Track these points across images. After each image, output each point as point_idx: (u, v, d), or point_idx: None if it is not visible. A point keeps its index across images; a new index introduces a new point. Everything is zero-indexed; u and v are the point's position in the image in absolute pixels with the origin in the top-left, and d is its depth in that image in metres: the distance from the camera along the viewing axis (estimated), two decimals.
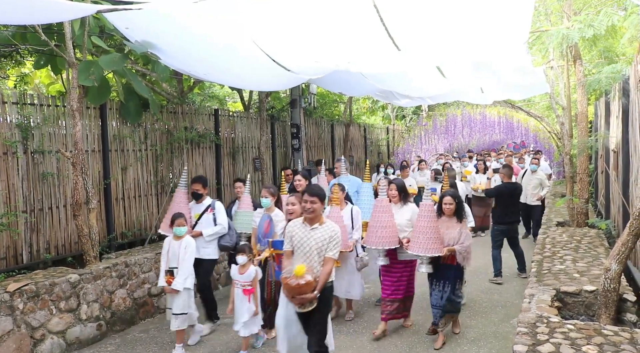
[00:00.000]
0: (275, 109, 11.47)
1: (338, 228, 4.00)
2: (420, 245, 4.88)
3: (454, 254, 4.99)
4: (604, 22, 5.52)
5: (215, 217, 5.76)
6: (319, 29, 4.72)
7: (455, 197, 5.14)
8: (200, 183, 5.83)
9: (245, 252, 4.94)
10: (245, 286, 4.91)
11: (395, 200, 5.54)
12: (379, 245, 5.22)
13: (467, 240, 4.98)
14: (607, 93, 7.98)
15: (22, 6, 3.31)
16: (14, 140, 5.74)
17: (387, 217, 5.20)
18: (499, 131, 17.46)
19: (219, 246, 5.80)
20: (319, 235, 3.92)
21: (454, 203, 5.13)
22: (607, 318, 4.05)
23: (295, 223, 4.09)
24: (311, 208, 3.92)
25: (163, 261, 5.12)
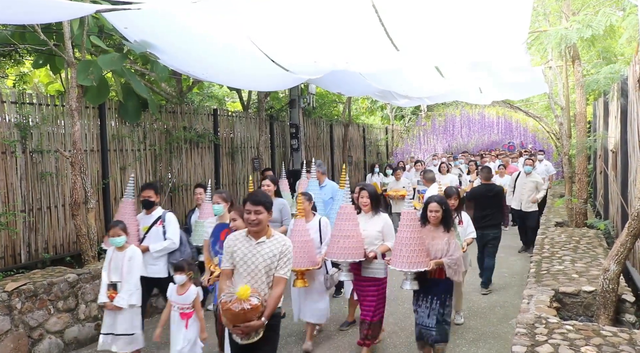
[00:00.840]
0: (274, 109, 11.47)
1: (289, 242, 3.45)
2: (403, 259, 4.26)
3: (442, 267, 4.40)
4: (602, 23, 5.52)
5: (165, 230, 5.13)
6: (318, 29, 4.72)
7: (442, 203, 4.52)
8: (152, 190, 5.21)
9: (183, 270, 4.33)
10: (183, 309, 4.30)
11: (366, 208, 4.90)
12: (341, 257, 4.61)
13: (456, 251, 4.39)
14: (605, 93, 8.00)
15: (21, 6, 3.30)
16: (13, 140, 5.73)
17: (351, 226, 4.63)
18: (497, 131, 17.50)
19: (169, 263, 5.16)
20: (267, 250, 3.33)
21: (440, 210, 4.48)
22: (606, 319, 4.05)
23: (237, 236, 3.44)
24: (256, 220, 3.30)
25: (104, 274, 4.55)
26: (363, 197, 4.85)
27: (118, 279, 4.47)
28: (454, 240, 4.45)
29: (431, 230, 4.52)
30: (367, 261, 4.74)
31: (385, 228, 4.81)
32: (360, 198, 4.86)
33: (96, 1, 5.01)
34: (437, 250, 4.41)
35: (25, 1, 3.20)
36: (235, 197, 9.48)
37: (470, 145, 20.21)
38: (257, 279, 3.32)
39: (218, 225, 4.76)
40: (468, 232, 5.56)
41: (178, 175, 8.12)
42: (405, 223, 4.31)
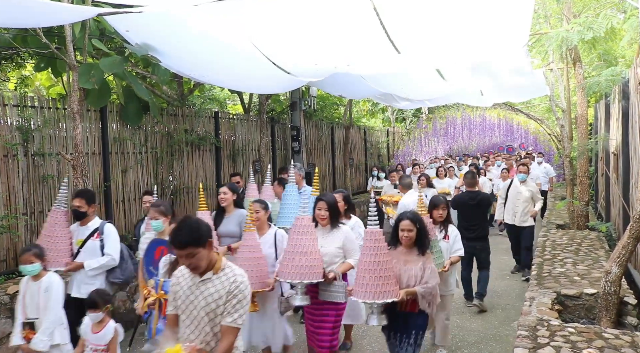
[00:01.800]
0: (275, 111, 11.48)
1: (243, 278, 2.68)
2: (367, 288, 3.51)
3: (415, 298, 3.70)
4: (603, 25, 5.53)
5: (103, 244, 4.47)
6: (319, 32, 4.73)
7: (416, 221, 3.79)
8: (82, 199, 4.53)
9: (97, 307, 3.60)
10: (97, 350, 3.62)
11: (323, 222, 4.25)
12: (296, 278, 3.93)
13: (432, 278, 3.70)
14: (607, 95, 8.00)
15: (23, 9, 3.32)
16: (15, 143, 5.74)
17: (308, 241, 3.97)
18: (498, 133, 17.52)
19: (107, 282, 4.54)
20: (212, 291, 2.62)
21: (413, 229, 3.76)
22: (608, 321, 4.05)
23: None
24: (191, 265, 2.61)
25: (18, 310, 3.77)
26: (321, 209, 4.21)
27: (35, 316, 3.67)
28: (430, 266, 3.76)
29: (403, 253, 3.82)
30: (326, 283, 4.08)
31: (347, 244, 4.20)
32: (317, 210, 4.22)
33: (98, 4, 5.02)
34: (410, 277, 3.71)
35: (27, 5, 3.21)
36: None
37: (472, 148, 20.21)
38: (200, 329, 2.64)
39: (153, 242, 4.07)
40: (454, 249, 4.83)
41: (179, 178, 8.13)
42: (369, 244, 3.55)
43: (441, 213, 4.88)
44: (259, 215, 4.42)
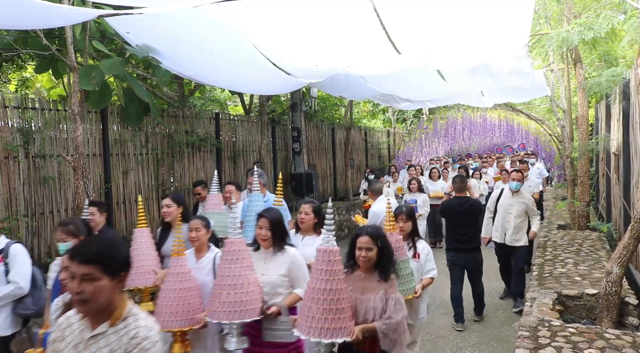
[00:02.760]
0: (276, 112, 11.49)
1: (152, 331, 1.96)
2: (313, 323, 2.81)
3: (374, 335, 2.94)
4: (603, 25, 5.53)
5: (8, 268, 3.72)
6: (320, 33, 4.74)
7: (377, 237, 3.05)
8: None
9: None
10: None
11: (265, 243, 3.48)
12: (225, 317, 3.17)
13: (397, 311, 2.94)
14: (607, 96, 8.00)
15: (23, 11, 3.32)
16: (15, 144, 5.75)
17: (239, 270, 3.21)
18: (499, 134, 17.50)
19: (14, 314, 3.82)
20: (105, 350, 1.89)
21: (374, 248, 3.02)
22: (609, 321, 4.04)
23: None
24: (81, 296, 1.85)
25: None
26: (262, 227, 3.44)
27: None
28: (395, 295, 2.99)
29: (360, 279, 3.06)
30: (269, 319, 3.31)
31: (294, 270, 3.42)
32: (258, 228, 3.46)
33: (98, 6, 5.03)
34: (368, 309, 2.95)
35: (27, 7, 3.22)
36: None
37: (472, 148, 20.20)
38: None
39: None
40: (426, 269, 4.08)
41: (180, 179, 8.13)
42: (320, 267, 2.83)
43: (402, 226, 4.04)
44: (199, 234, 3.68)
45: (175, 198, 4.53)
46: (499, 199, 6.40)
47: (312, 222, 4.05)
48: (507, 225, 6.19)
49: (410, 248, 4.09)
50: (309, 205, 4.12)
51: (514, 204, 6.17)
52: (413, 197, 8.35)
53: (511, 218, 6.14)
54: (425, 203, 8.37)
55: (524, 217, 6.15)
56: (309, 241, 4.06)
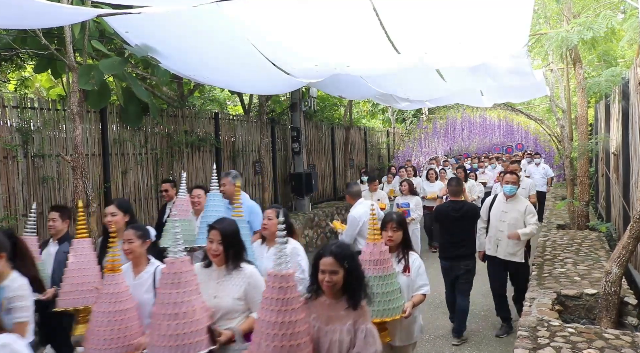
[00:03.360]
0: (275, 112, 11.49)
1: None
2: None
3: None
4: (603, 25, 5.53)
5: None
6: (319, 33, 4.73)
7: (343, 258, 2.56)
8: None
9: None
10: None
11: (217, 260, 2.98)
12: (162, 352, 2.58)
13: (368, 346, 2.49)
14: (607, 96, 8.00)
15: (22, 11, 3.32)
16: (15, 144, 5.75)
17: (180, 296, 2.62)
18: (499, 134, 17.51)
19: None
20: None
21: (339, 270, 2.54)
22: (608, 321, 4.04)
23: None
24: None
25: None
26: (212, 241, 2.96)
27: None
28: (366, 326, 2.53)
29: (325, 306, 2.60)
30: (221, 348, 2.81)
31: (251, 292, 2.93)
32: (209, 242, 2.98)
33: (97, 5, 5.03)
34: (333, 342, 2.52)
35: (26, 6, 3.21)
36: None
37: (472, 148, 20.20)
38: None
39: None
40: (418, 285, 3.56)
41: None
42: (269, 295, 2.40)
43: (391, 236, 3.54)
44: (132, 246, 3.22)
45: (120, 205, 4.07)
46: (491, 206, 5.57)
47: (276, 229, 3.44)
48: (500, 235, 5.32)
49: (399, 261, 3.57)
50: (273, 210, 3.70)
51: (508, 211, 5.36)
52: (405, 200, 7.85)
53: (505, 227, 5.29)
54: (418, 206, 7.84)
55: (521, 226, 5.28)
56: None
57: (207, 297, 2.84)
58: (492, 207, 5.53)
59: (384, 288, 3.11)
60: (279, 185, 10.89)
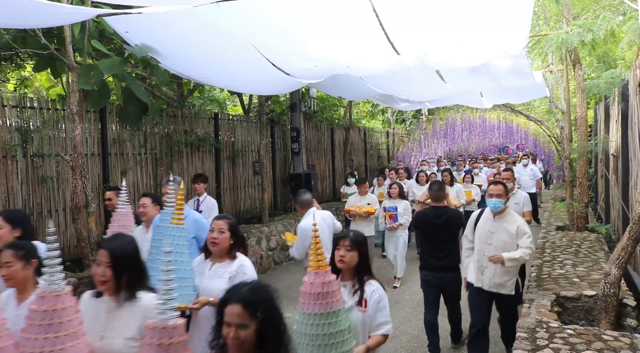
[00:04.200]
0: (275, 112, 11.49)
1: None
2: None
3: None
4: (602, 27, 5.54)
5: None
6: (319, 34, 4.74)
7: (255, 308, 1.95)
8: None
9: None
10: None
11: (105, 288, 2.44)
12: None
13: None
14: (606, 97, 8.01)
15: (22, 10, 3.32)
16: (14, 144, 5.74)
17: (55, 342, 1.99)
18: (498, 135, 17.53)
19: None
20: None
21: (251, 323, 1.93)
22: (607, 323, 4.04)
23: None
24: None
25: None
26: (100, 264, 2.40)
27: None
28: None
29: None
30: None
31: None
32: (96, 266, 2.43)
33: (97, 5, 5.03)
34: None
35: (26, 6, 3.21)
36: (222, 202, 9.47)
37: (471, 149, 20.22)
38: None
39: None
40: (376, 323, 2.84)
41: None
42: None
43: (342, 256, 2.80)
44: (10, 270, 2.57)
45: (8, 218, 3.41)
46: (476, 223, 4.47)
47: (227, 244, 3.10)
48: (485, 261, 4.24)
49: (354, 292, 2.78)
50: (224, 220, 3.14)
51: (496, 231, 4.24)
52: (393, 204, 7.28)
53: (491, 251, 4.20)
54: (406, 211, 7.26)
55: (511, 249, 4.17)
56: (219, 270, 3.08)
57: (94, 337, 2.27)
58: (477, 225, 4.43)
59: (327, 329, 2.31)
60: (279, 186, 10.89)
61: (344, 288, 2.76)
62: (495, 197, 4.25)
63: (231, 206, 9.37)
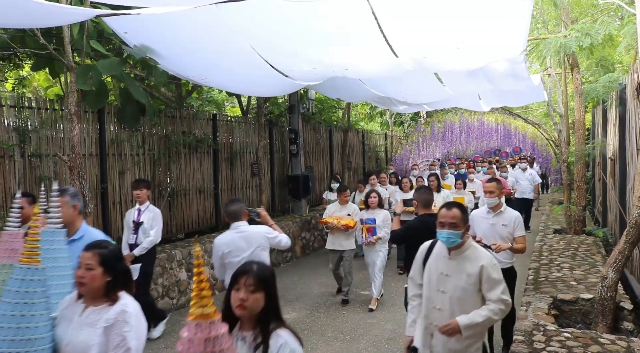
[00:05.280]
0: (273, 114, 11.49)
1: None
2: None
3: None
4: (601, 31, 5.56)
5: None
6: (317, 36, 4.74)
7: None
8: None
9: None
10: None
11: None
12: None
13: None
14: (604, 101, 8.03)
15: (21, 10, 3.31)
16: (11, 144, 5.73)
17: None
18: (496, 138, 17.56)
19: None
20: None
21: None
22: (604, 326, 4.05)
23: None
24: None
25: None
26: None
27: None
28: None
29: None
30: None
31: None
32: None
33: (96, 6, 5.02)
34: None
35: (25, 6, 3.21)
36: None
37: (469, 152, 20.23)
38: None
39: None
40: None
41: (177, 180, 8.12)
42: None
43: (243, 299, 2.07)
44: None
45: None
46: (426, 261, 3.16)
47: (98, 283, 2.31)
48: (436, 316, 3.00)
49: (256, 347, 2.07)
50: (93, 252, 2.35)
51: (452, 273, 2.99)
52: (371, 215, 6.41)
53: (445, 303, 2.97)
54: (385, 223, 6.38)
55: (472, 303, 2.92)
56: (91, 316, 2.30)
57: None
58: (427, 264, 3.14)
59: None
60: (277, 188, 10.88)
61: (241, 341, 2.08)
62: (449, 226, 2.95)
63: None
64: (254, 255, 3.88)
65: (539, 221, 10.26)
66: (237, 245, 3.97)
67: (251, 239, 4.01)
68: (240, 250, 3.95)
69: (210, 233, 8.28)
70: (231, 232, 4.06)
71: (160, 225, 5.67)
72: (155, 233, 5.56)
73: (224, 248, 3.98)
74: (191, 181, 8.44)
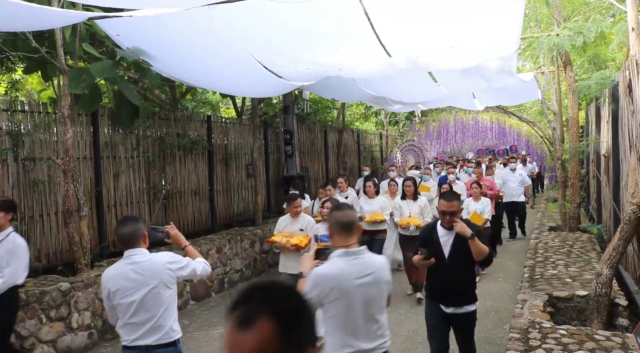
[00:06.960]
0: (268, 115, 11.48)
1: None
2: None
3: None
4: (593, 29, 5.58)
5: None
6: (311, 36, 4.74)
7: None
8: None
9: None
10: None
11: None
12: None
13: None
14: (597, 98, 8.07)
15: (12, 13, 3.30)
16: (5, 147, 5.70)
17: None
18: (491, 136, 17.63)
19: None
20: None
21: None
22: (599, 323, 4.07)
23: None
24: None
25: None
26: None
27: None
28: None
29: None
30: None
31: None
32: None
33: (88, 8, 5.01)
34: None
35: (16, 9, 3.20)
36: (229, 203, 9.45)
37: (465, 151, 20.29)
38: None
39: None
40: None
41: (172, 183, 8.10)
42: None
43: None
44: None
45: None
46: None
47: None
48: None
49: None
50: None
51: None
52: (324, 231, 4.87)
53: None
54: None
55: None
56: None
57: None
58: None
59: None
60: (272, 188, 10.87)
61: None
62: None
63: (224, 209, 9.35)
64: (150, 296, 2.87)
65: (534, 219, 10.29)
66: (127, 282, 2.87)
67: (148, 273, 2.88)
68: (130, 289, 2.86)
69: (206, 235, 8.26)
70: (121, 263, 2.94)
71: (22, 262, 4.09)
72: (10, 272, 3.98)
73: (110, 285, 2.89)
74: (186, 183, 8.43)
